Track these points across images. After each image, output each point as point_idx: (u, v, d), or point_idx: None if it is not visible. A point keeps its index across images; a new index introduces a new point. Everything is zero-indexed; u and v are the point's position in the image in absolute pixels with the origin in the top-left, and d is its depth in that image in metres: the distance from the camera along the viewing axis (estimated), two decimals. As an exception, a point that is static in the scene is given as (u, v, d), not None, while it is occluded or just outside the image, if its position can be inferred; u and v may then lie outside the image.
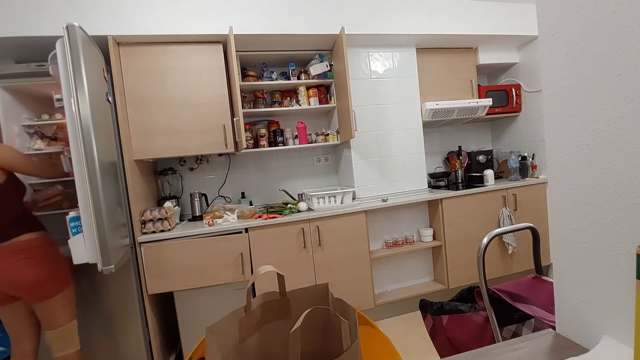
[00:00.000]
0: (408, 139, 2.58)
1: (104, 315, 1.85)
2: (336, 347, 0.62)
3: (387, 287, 2.53)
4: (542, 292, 1.05)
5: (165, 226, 1.93)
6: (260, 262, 1.98)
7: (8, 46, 1.82)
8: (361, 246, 2.20)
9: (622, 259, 0.48)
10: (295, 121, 2.55)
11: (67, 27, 1.35)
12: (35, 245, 1.41)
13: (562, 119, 0.56)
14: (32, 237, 1.41)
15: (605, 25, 0.47)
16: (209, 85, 2.07)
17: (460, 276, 2.46)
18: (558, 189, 0.58)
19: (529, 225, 1.11)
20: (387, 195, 2.51)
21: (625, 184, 0.47)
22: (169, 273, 1.87)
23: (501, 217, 2.51)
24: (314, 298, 0.68)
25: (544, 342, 0.58)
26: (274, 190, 2.63)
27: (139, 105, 1.96)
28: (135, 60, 1.96)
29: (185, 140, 2.04)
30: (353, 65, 2.43)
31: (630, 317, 0.47)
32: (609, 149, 0.49)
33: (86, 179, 1.37)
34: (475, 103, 2.64)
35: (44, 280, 1.40)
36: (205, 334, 0.56)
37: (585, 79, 0.51)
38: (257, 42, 2.20)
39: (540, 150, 2.78)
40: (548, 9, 0.56)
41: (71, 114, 1.36)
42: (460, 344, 1.09)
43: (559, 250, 0.59)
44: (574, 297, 0.57)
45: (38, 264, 1.39)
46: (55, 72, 1.45)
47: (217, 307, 1.95)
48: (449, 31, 2.45)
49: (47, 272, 1.41)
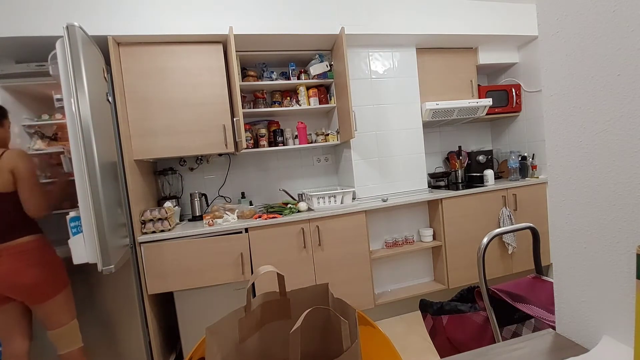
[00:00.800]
0: (408, 139, 2.58)
1: (104, 315, 1.85)
2: (336, 347, 0.62)
3: (387, 287, 2.53)
4: (542, 292, 1.05)
5: (165, 226, 1.93)
6: (260, 262, 1.98)
7: (8, 46, 1.82)
8: (361, 246, 2.20)
9: (622, 259, 0.48)
10: (295, 121, 2.55)
11: (67, 27, 1.35)
12: (33, 247, 1.43)
13: (562, 119, 0.56)
14: (30, 239, 1.43)
15: (605, 25, 0.47)
16: (209, 85, 2.07)
17: (460, 276, 2.46)
18: (558, 189, 0.58)
19: (529, 225, 1.11)
20: (387, 195, 2.51)
21: (625, 184, 0.47)
22: (169, 273, 1.87)
23: (501, 217, 2.51)
24: (314, 298, 0.68)
25: (544, 342, 0.58)
26: (274, 190, 2.63)
27: (139, 105, 1.96)
28: (135, 60, 1.96)
29: (185, 140, 2.04)
30: (353, 65, 2.43)
31: (630, 317, 0.47)
32: (609, 149, 0.49)
33: (86, 179, 1.37)
34: (475, 103, 2.64)
35: (43, 282, 1.42)
36: (205, 334, 0.56)
37: (585, 79, 0.51)
38: (257, 42, 2.20)
39: (540, 150, 2.78)
40: (548, 9, 0.56)
41: (71, 114, 1.36)
42: (460, 344, 1.09)
43: (559, 250, 0.59)
44: (574, 297, 0.57)
45: (37, 266, 1.40)
46: (55, 72, 1.45)
47: (217, 307, 1.95)
48: (449, 31, 2.45)
49: (46, 274, 1.43)
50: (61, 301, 1.49)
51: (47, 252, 1.47)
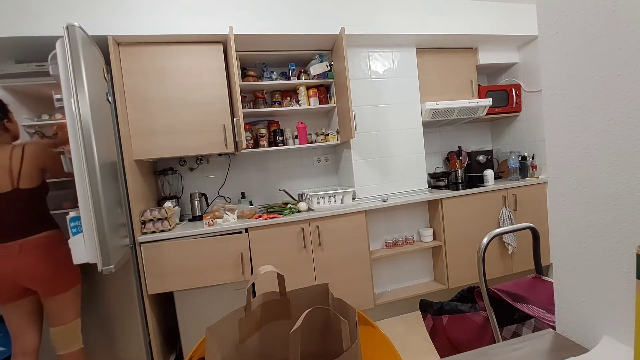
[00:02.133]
0: (408, 139, 2.58)
1: (104, 315, 1.85)
2: (336, 347, 0.62)
3: (387, 287, 2.53)
4: (542, 292, 1.05)
5: (165, 226, 1.93)
6: (260, 262, 1.98)
7: (8, 46, 1.82)
8: (361, 246, 2.20)
9: (622, 259, 0.48)
10: (295, 121, 2.55)
11: (67, 27, 1.35)
12: (52, 241, 1.48)
13: (562, 119, 0.56)
14: (50, 234, 1.49)
15: (605, 25, 0.47)
16: (209, 85, 2.07)
17: (460, 276, 2.46)
18: (558, 189, 0.58)
19: (529, 225, 1.11)
20: (387, 195, 2.51)
21: (625, 184, 0.47)
22: (169, 273, 1.87)
23: (501, 217, 2.51)
24: (314, 298, 0.68)
25: (544, 342, 0.58)
26: (274, 190, 2.63)
27: (139, 105, 1.96)
28: (135, 60, 1.96)
29: (185, 140, 2.04)
30: (353, 65, 2.43)
31: (630, 317, 0.47)
32: (609, 149, 0.49)
33: (86, 179, 1.37)
34: (475, 103, 2.64)
35: (59, 274, 1.47)
36: (205, 334, 0.56)
37: (585, 79, 0.51)
38: (257, 42, 2.20)
39: (540, 150, 2.78)
40: (548, 9, 0.56)
41: (71, 114, 1.36)
42: (461, 344, 1.09)
43: (559, 250, 0.59)
44: (574, 297, 0.57)
45: (55, 259, 1.46)
46: (55, 72, 1.45)
47: (217, 307, 1.95)
48: (449, 31, 2.45)
49: (63, 267, 1.47)
50: (71, 297, 1.52)
51: (65, 247, 1.49)
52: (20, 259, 1.39)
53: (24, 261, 1.39)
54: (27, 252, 1.40)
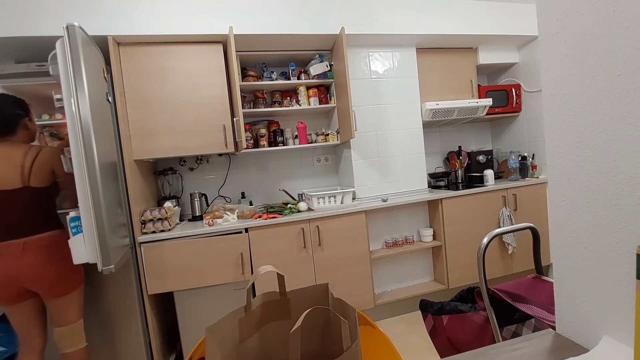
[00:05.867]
0: (408, 139, 2.58)
1: (104, 315, 1.85)
2: (336, 347, 0.62)
3: (387, 287, 2.53)
4: (542, 292, 1.06)
5: (165, 226, 1.93)
6: (260, 262, 1.98)
7: (8, 46, 1.81)
8: (361, 246, 2.20)
9: (622, 259, 0.48)
10: (295, 121, 2.55)
11: (67, 27, 1.35)
12: (56, 242, 1.47)
13: (562, 119, 0.56)
14: (55, 234, 1.48)
15: (605, 25, 0.47)
16: (209, 85, 2.07)
17: (460, 276, 2.46)
18: (558, 189, 0.58)
19: (529, 225, 1.11)
20: (387, 195, 2.51)
21: (625, 184, 0.47)
22: (169, 273, 1.87)
23: (501, 217, 2.51)
24: (314, 298, 0.68)
25: (544, 342, 0.58)
26: (274, 190, 2.63)
27: (139, 105, 1.96)
28: (135, 60, 1.96)
29: (185, 140, 2.04)
30: (353, 65, 2.43)
31: (630, 317, 0.47)
32: (609, 149, 0.49)
33: (86, 179, 1.37)
34: (475, 103, 2.64)
35: (63, 276, 1.46)
36: (205, 334, 0.56)
37: (585, 79, 0.51)
38: (257, 42, 2.20)
39: (540, 150, 2.78)
40: (548, 9, 0.56)
41: (71, 114, 1.36)
42: (461, 344, 1.09)
43: (559, 250, 0.59)
44: (574, 297, 0.57)
45: (60, 260, 1.44)
46: (55, 72, 1.45)
47: (217, 307, 1.95)
48: (449, 31, 2.45)
49: (67, 269, 1.46)
50: (75, 298, 1.52)
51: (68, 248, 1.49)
52: (22, 258, 1.38)
53: (26, 260, 1.38)
54: (29, 252, 1.39)
